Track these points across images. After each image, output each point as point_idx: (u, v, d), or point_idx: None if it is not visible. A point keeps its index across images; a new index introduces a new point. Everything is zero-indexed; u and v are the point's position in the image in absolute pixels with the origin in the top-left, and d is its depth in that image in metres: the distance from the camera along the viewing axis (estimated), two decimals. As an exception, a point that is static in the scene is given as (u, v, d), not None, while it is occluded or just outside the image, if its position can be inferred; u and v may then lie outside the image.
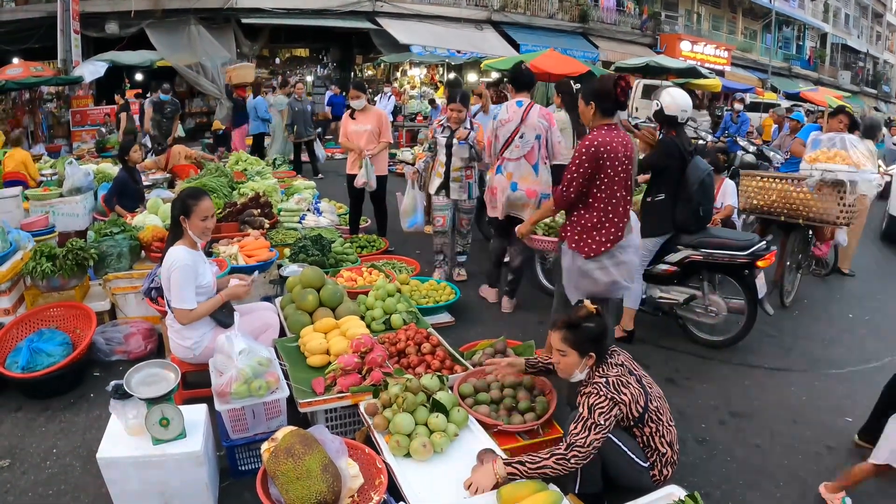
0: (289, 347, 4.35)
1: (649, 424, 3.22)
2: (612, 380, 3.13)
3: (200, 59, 17.36)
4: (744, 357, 5.56)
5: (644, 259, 5.39)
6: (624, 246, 4.24)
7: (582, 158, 4.05)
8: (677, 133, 5.25)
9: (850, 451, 4.22)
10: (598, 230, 4.16)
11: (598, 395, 3.07)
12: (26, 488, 3.65)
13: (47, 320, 5.08)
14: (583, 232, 4.20)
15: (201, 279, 4.11)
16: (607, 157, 4.02)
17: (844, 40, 49.10)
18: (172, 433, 3.27)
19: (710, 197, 5.42)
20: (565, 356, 3.23)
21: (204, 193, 4.19)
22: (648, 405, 3.22)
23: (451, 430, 3.35)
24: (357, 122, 7.56)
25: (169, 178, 8.91)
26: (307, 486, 2.80)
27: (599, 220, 4.15)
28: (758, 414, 4.66)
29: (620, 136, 4.12)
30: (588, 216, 4.18)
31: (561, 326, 3.22)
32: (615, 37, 29.75)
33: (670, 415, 3.38)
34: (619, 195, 4.14)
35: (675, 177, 5.23)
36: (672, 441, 3.30)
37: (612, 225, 4.15)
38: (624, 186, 4.16)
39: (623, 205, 4.18)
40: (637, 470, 3.21)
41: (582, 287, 4.26)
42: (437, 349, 4.31)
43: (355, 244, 7.16)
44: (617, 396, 3.08)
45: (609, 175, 4.07)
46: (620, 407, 3.09)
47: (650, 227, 5.34)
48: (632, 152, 4.20)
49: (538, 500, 2.69)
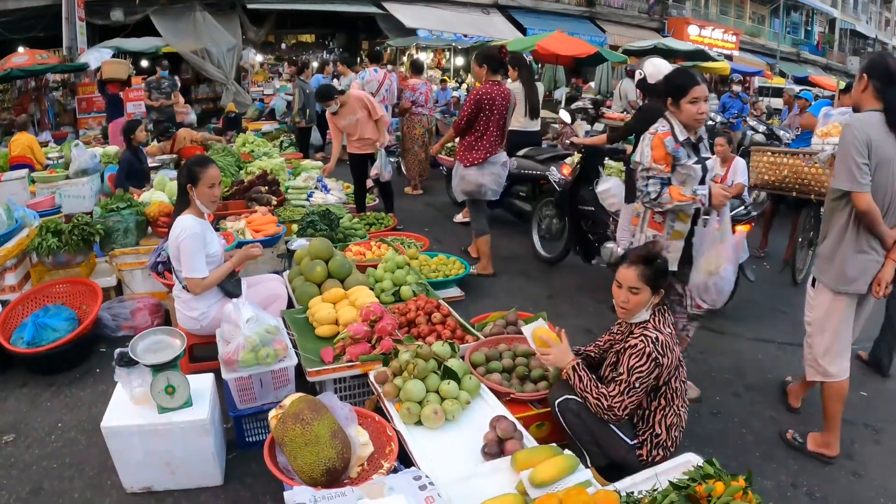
0: (297, 318, 4.28)
1: (660, 400, 3.13)
2: (663, 339, 3.04)
3: (206, 46, 17.27)
4: (757, 332, 5.53)
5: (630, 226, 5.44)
6: (492, 161, 6.12)
7: (471, 101, 5.98)
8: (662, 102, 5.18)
9: (866, 425, 4.19)
10: (475, 149, 6.07)
11: (640, 356, 2.99)
12: (31, 462, 3.62)
13: (53, 296, 5.05)
14: (465, 150, 6.14)
15: (209, 248, 4.05)
16: (487, 102, 5.92)
17: (853, 25, 48.65)
18: (178, 401, 3.22)
19: None
20: (638, 293, 3.11)
21: (210, 161, 4.13)
22: (671, 382, 3.13)
23: (462, 397, 3.28)
24: (343, 117, 7.46)
25: (175, 158, 8.85)
26: (316, 453, 2.73)
27: (478, 142, 6.05)
28: (772, 387, 4.64)
29: (501, 89, 6.02)
30: (470, 139, 6.09)
31: (638, 262, 3.12)
32: (622, 21, 29.53)
33: (685, 400, 3.26)
34: (492, 128, 6.01)
35: None
36: (672, 426, 3.15)
37: (485, 146, 6.05)
38: (497, 123, 6.02)
39: (496, 134, 6.05)
40: (619, 445, 3.12)
41: (461, 187, 6.30)
42: (448, 319, 4.24)
43: (363, 221, 7.09)
44: (661, 358, 3.00)
45: (487, 114, 5.95)
46: (660, 370, 3.02)
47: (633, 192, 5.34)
48: (508, 101, 6.06)
49: (556, 462, 2.61)
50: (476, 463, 2.92)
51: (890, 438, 4.06)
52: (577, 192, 6.44)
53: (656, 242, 3.49)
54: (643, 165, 3.76)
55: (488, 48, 6.35)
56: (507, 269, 6.81)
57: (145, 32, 17.50)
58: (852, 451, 3.87)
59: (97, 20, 17.51)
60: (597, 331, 5.08)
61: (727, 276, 3.91)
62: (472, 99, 5.97)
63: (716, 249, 3.87)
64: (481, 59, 6.09)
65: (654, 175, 3.72)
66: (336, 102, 7.29)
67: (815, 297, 3.75)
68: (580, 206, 6.41)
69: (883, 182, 3.37)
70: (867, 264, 3.50)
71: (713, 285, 3.90)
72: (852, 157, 3.32)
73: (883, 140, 3.33)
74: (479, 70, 6.11)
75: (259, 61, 21.68)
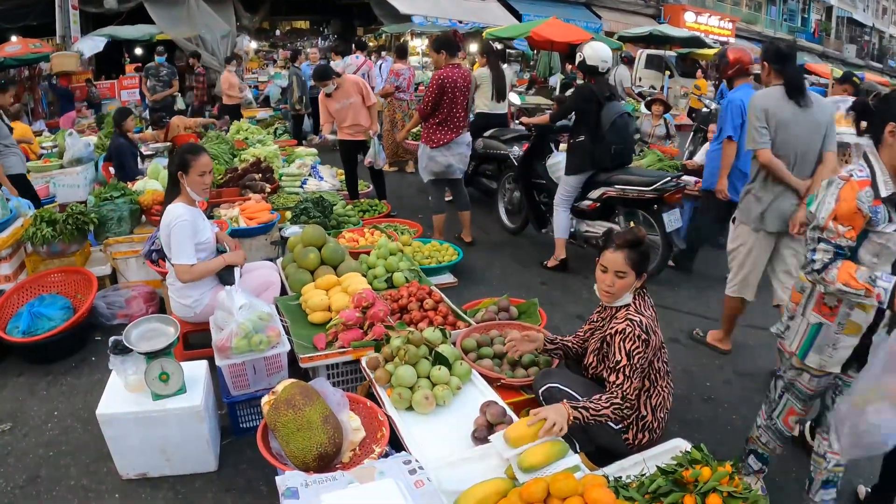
0: (290, 305, 4.31)
1: (644, 382, 3.14)
2: (646, 322, 3.04)
3: (200, 32, 17.17)
4: (748, 319, 5.50)
5: (569, 195, 6.21)
6: (457, 142, 6.48)
7: (433, 85, 6.30)
8: (596, 81, 5.87)
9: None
10: (440, 130, 6.41)
11: (633, 339, 2.99)
12: (27, 450, 3.65)
13: (48, 286, 5.08)
14: (431, 132, 6.47)
15: (201, 235, 4.07)
16: (448, 85, 6.25)
17: (850, 13, 48.55)
18: (172, 388, 3.25)
19: (623, 137, 5.95)
20: (623, 277, 3.10)
21: (202, 149, 4.15)
22: (654, 363, 3.15)
23: (453, 382, 3.31)
24: (336, 100, 7.50)
25: (169, 146, 8.84)
26: (308, 438, 2.77)
27: (443, 124, 6.40)
28: (762, 374, 4.65)
29: (461, 71, 6.39)
30: (435, 122, 6.41)
31: (624, 246, 3.08)
32: (618, 7, 29.34)
33: (670, 380, 3.29)
34: (455, 110, 6.36)
35: (592, 120, 5.82)
36: (658, 407, 3.18)
37: (449, 128, 6.40)
38: (460, 104, 6.37)
39: (459, 115, 6.41)
40: (606, 430, 3.13)
41: (429, 168, 6.60)
42: (440, 305, 4.26)
43: (357, 208, 7.11)
44: (650, 338, 3.01)
45: (449, 97, 6.28)
46: (651, 350, 3.03)
47: (573, 165, 6.08)
48: (469, 82, 6.48)
49: (545, 448, 2.64)
50: (466, 447, 2.94)
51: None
52: (531, 167, 7.03)
53: (640, 228, 3.29)
54: (817, 221, 2.67)
55: (443, 34, 6.83)
56: (501, 256, 6.85)
57: (139, 20, 17.40)
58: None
59: (90, 8, 17.39)
60: (589, 317, 5.11)
61: (880, 422, 2.50)
62: (435, 83, 6.28)
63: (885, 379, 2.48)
64: (438, 45, 6.50)
65: (830, 238, 2.63)
66: (333, 83, 7.37)
67: (734, 232, 4.57)
68: (534, 180, 7.03)
69: (785, 141, 4.14)
70: (773, 204, 4.23)
71: (850, 428, 2.59)
72: (752, 123, 4.19)
73: (780, 108, 4.13)
74: (437, 56, 6.51)
75: (253, 48, 21.56)
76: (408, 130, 7.34)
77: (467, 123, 6.59)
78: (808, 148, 4.16)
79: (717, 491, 2.25)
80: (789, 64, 4.26)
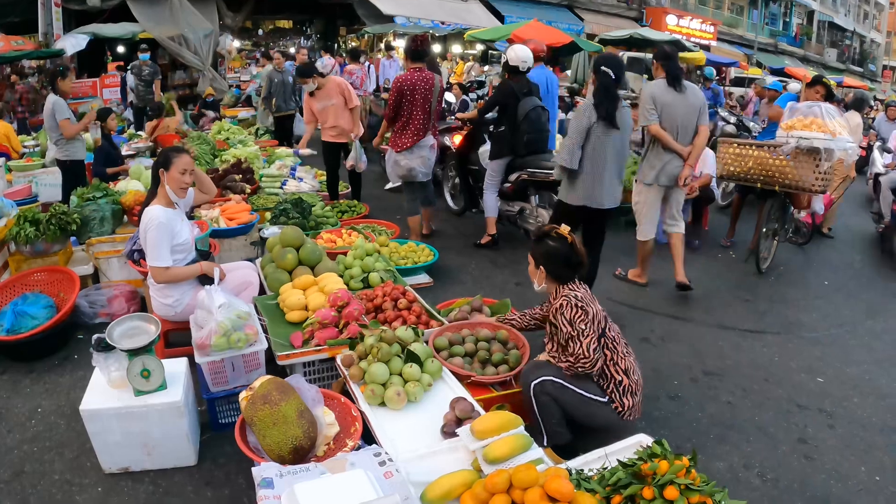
0: (268, 304, 4.41)
1: (604, 352, 3.37)
2: (581, 294, 3.42)
3: (183, 31, 17.12)
4: (719, 319, 5.67)
5: (493, 178, 7.03)
6: (421, 145, 6.60)
7: (393, 90, 6.47)
8: (518, 79, 6.67)
9: (820, 410, 4.31)
10: (403, 134, 6.54)
11: (571, 308, 3.35)
12: (12, 446, 3.71)
13: (31, 285, 5.13)
14: (396, 136, 6.63)
15: (178, 237, 4.16)
16: (408, 89, 6.36)
17: (832, 18, 49.05)
18: (153, 384, 3.35)
19: (537, 127, 6.68)
20: (529, 264, 3.70)
21: (186, 152, 4.26)
22: (605, 332, 3.40)
23: (425, 379, 3.43)
24: (319, 100, 7.60)
25: (151, 146, 8.90)
26: (283, 432, 2.87)
27: (405, 128, 6.52)
28: (730, 373, 4.77)
29: (422, 75, 6.45)
30: (398, 126, 6.57)
31: (532, 237, 3.53)
32: (600, 10, 29.60)
33: (626, 343, 3.56)
34: (416, 113, 6.45)
35: (511, 112, 6.62)
36: (628, 369, 3.43)
37: (412, 132, 6.50)
38: (422, 108, 6.45)
39: (422, 119, 6.48)
40: (598, 406, 3.33)
41: (395, 171, 6.82)
42: (414, 305, 4.38)
43: (336, 209, 7.21)
44: (587, 307, 3.34)
45: (409, 100, 6.40)
46: (592, 319, 3.32)
47: (494, 151, 6.94)
48: (432, 86, 6.50)
49: (510, 441, 2.75)
50: (435, 441, 3.06)
51: (842, 423, 4.16)
52: (467, 155, 7.95)
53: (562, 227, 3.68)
54: None
55: (408, 38, 7.24)
56: (476, 256, 6.97)
57: (122, 18, 17.35)
58: (806, 436, 3.99)
59: (73, 5, 17.33)
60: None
61: None
62: (394, 87, 6.49)
63: None
64: (405, 50, 6.86)
65: None
66: (314, 82, 7.47)
67: (636, 191, 6.00)
68: (469, 167, 7.95)
69: (669, 118, 5.59)
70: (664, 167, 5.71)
71: None
72: (643, 105, 5.63)
73: (664, 94, 5.59)
74: (404, 61, 7.06)
75: (236, 47, 21.55)
76: (381, 136, 7.36)
77: (431, 127, 6.70)
78: (687, 122, 5.62)
79: (675, 483, 2.34)
80: (672, 61, 5.72)
